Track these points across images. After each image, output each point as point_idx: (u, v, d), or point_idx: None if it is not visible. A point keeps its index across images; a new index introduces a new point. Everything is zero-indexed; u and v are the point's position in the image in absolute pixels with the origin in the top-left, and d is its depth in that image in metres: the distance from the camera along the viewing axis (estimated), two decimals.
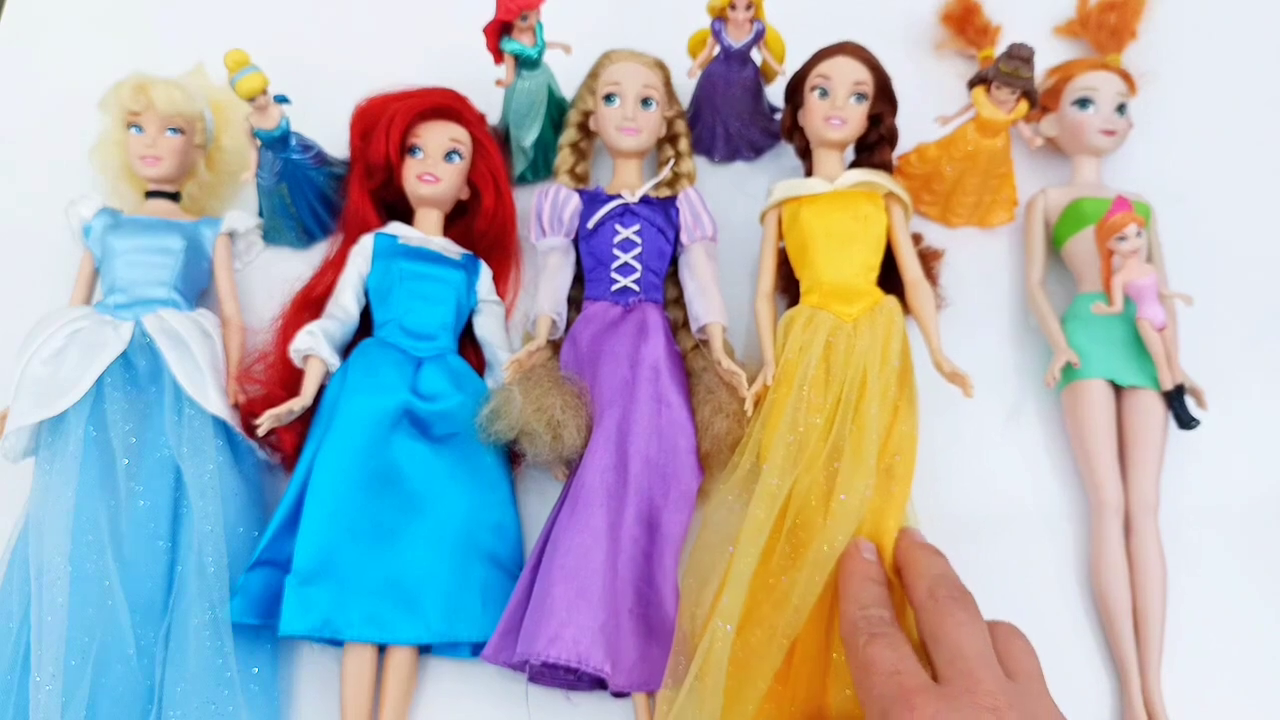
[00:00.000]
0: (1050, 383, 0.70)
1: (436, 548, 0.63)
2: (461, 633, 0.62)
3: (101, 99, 0.74)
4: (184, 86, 0.74)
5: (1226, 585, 0.69)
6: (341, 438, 0.64)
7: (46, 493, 0.63)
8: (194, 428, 0.66)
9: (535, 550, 0.64)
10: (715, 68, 0.77)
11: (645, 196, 0.74)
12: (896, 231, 0.72)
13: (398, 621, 0.61)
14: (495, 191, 0.75)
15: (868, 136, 0.75)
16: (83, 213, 0.72)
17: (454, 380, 0.69)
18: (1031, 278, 0.77)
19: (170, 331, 0.68)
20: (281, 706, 0.63)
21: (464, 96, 0.75)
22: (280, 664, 0.64)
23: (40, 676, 0.58)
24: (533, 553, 0.65)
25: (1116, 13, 0.86)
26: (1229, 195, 0.83)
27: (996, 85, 0.72)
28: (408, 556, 0.63)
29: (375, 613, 0.61)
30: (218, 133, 0.77)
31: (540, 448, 0.64)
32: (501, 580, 0.65)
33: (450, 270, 0.72)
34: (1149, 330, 0.69)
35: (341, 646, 0.63)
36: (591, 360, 0.68)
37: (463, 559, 0.64)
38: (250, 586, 0.62)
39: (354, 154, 0.75)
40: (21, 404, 0.64)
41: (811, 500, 0.62)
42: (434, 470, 0.65)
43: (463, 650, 0.64)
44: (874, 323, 0.67)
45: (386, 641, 0.62)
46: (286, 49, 0.78)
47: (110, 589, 0.61)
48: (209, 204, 0.79)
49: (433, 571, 0.63)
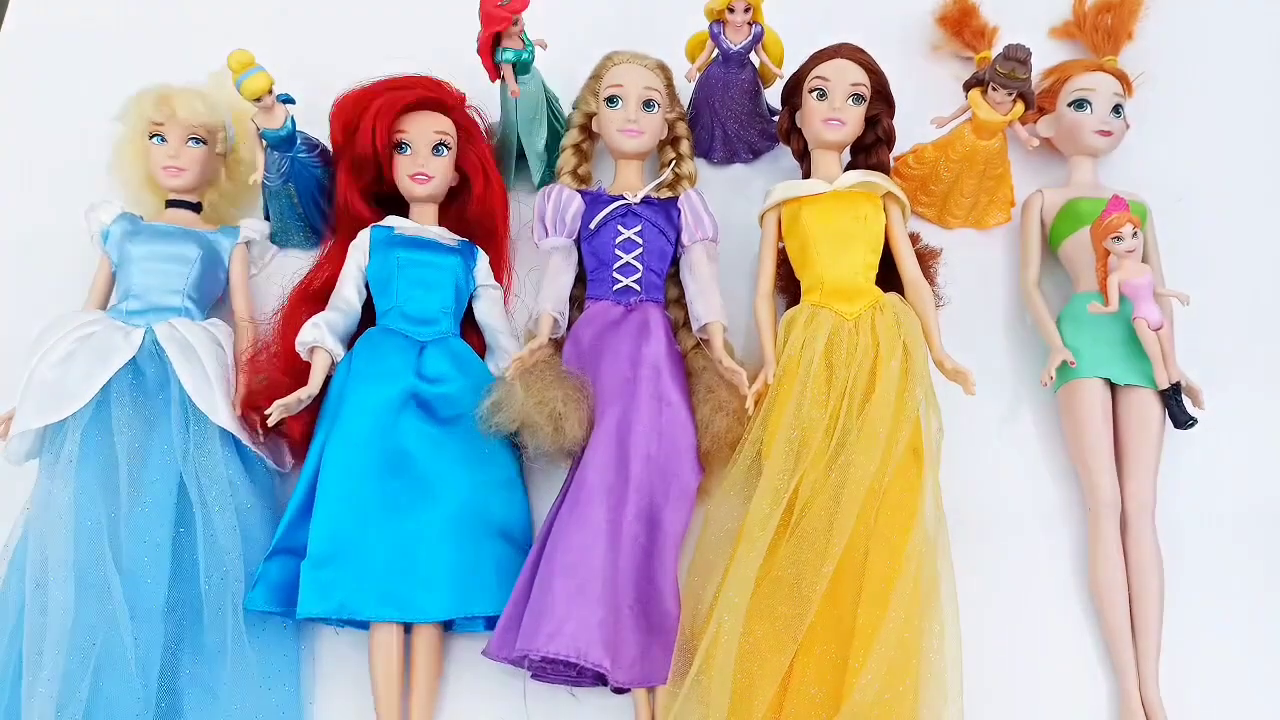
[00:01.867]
0: (1046, 382, 0.71)
1: (448, 526, 0.65)
2: (476, 606, 0.64)
3: (121, 110, 0.74)
4: (206, 96, 0.74)
5: (1223, 584, 0.69)
6: (350, 424, 0.65)
7: (49, 496, 0.63)
8: (202, 439, 0.66)
9: (535, 547, 0.65)
10: (714, 70, 0.78)
11: (647, 197, 0.74)
12: (895, 231, 0.73)
13: (414, 599, 0.63)
14: (484, 178, 0.76)
15: (865, 138, 0.75)
16: (102, 218, 0.73)
17: (456, 363, 0.70)
18: (1027, 277, 0.77)
19: (181, 341, 0.68)
20: (305, 696, 0.64)
21: (442, 82, 0.75)
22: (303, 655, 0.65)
23: (36, 678, 0.59)
24: (533, 549, 0.65)
25: (1112, 15, 0.87)
26: (1225, 195, 0.84)
27: (993, 87, 0.73)
28: (420, 536, 0.64)
29: (391, 592, 0.62)
30: (237, 142, 0.78)
31: (542, 440, 0.65)
32: (512, 555, 0.66)
33: (447, 256, 0.73)
34: (1145, 329, 0.69)
35: (361, 629, 0.64)
36: (593, 358, 0.69)
37: (474, 536, 0.65)
38: (269, 575, 0.63)
39: (337, 149, 0.75)
40: (26, 408, 0.65)
41: (818, 495, 0.63)
42: (442, 452, 0.66)
43: (477, 624, 0.65)
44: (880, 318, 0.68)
45: (403, 619, 0.63)
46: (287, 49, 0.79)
47: (110, 593, 0.61)
48: (228, 212, 0.80)
49: (445, 549, 0.64)
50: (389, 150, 0.73)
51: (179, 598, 0.64)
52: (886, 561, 0.61)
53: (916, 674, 0.59)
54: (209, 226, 0.76)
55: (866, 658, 0.58)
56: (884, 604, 0.59)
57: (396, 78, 0.74)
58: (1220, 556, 0.70)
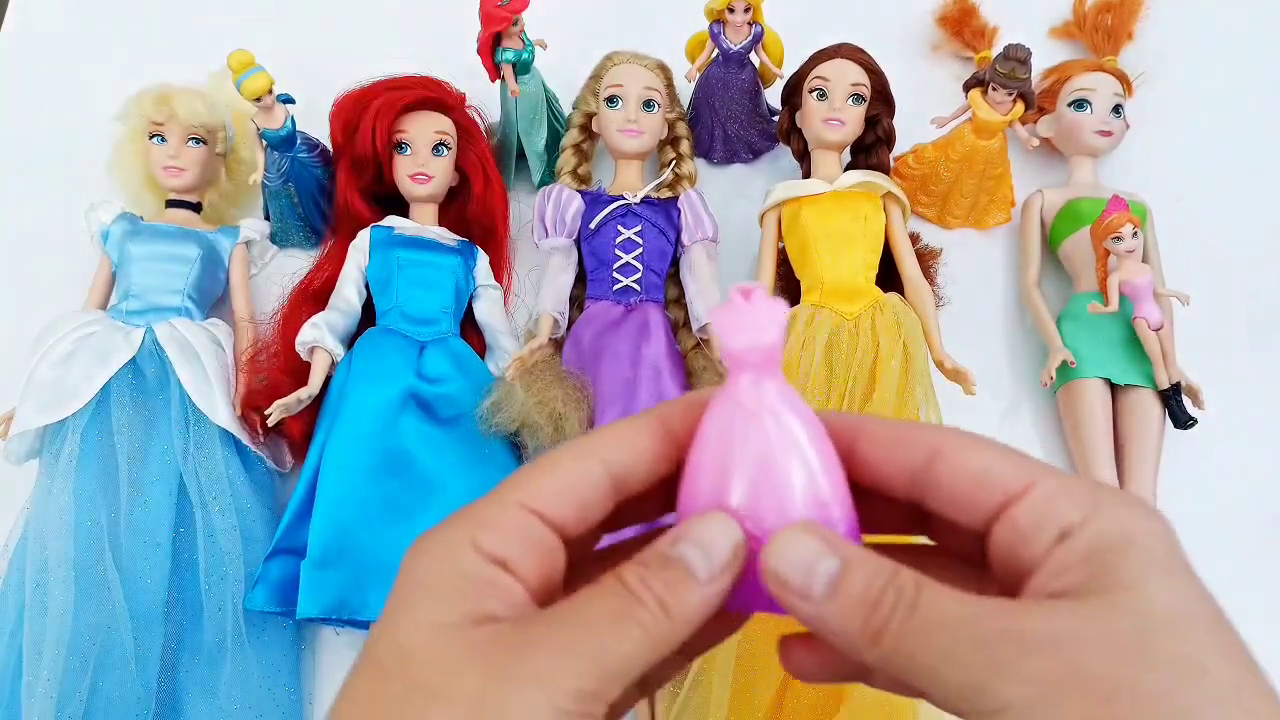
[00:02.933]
0: (1046, 382, 0.71)
1: None
2: None
3: (122, 109, 0.74)
4: (206, 96, 0.74)
5: (1223, 583, 0.68)
6: (350, 424, 0.65)
7: (49, 497, 0.63)
8: (202, 439, 0.66)
9: None
10: (713, 70, 0.78)
11: (647, 197, 0.74)
12: (895, 231, 0.73)
13: None
14: (484, 177, 0.76)
15: (865, 138, 0.75)
16: (102, 217, 0.73)
17: (456, 362, 0.70)
18: (1027, 278, 0.77)
19: (181, 341, 0.68)
20: (305, 696, 0.64)
21: (442, 82, 0.75)
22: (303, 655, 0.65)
23: (36, 678, 0.59)
24: None
25: (1113, 14, 0.87)
26: (1225, 195, 0.84)
27: (993, 87, 0.73)
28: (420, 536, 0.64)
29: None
30: (237, 142, 0.78)
31: (542, 440, 0.65)
32: None
33: (447, 256, 0.73)
34: (1145, 329, 0.69)
35: (361, 629, 0.64)
36: (593, 359, 0.69)
37: None
38: (269, 575, 0.63)
39: (337, 149, 0.75)
40: (26, 407, 0.65)
41: None
42: (442, 451, 0.66)
43: None
44: (880, 318, 0.68)
45: None
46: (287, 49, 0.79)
47: (110, 594, 0.61)
48: (228, 212, 0.80)
49: None
50: (389, 150, 0.73)
51: (179, 597, 0.64)
52: None
53: None
54: (209, 226, 0.76)
55: None
56: None
57: (396, 78, 0.74)
58: (1220, 556, 0.70)
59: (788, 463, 0.26)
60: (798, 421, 0.26)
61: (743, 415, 0.26)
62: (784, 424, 0.26)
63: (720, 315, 0.26)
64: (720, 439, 0.26)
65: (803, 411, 0.26)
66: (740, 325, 0.25)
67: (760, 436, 0.26)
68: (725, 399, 0.26)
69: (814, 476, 0.26)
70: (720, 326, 0.26)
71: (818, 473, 0.26)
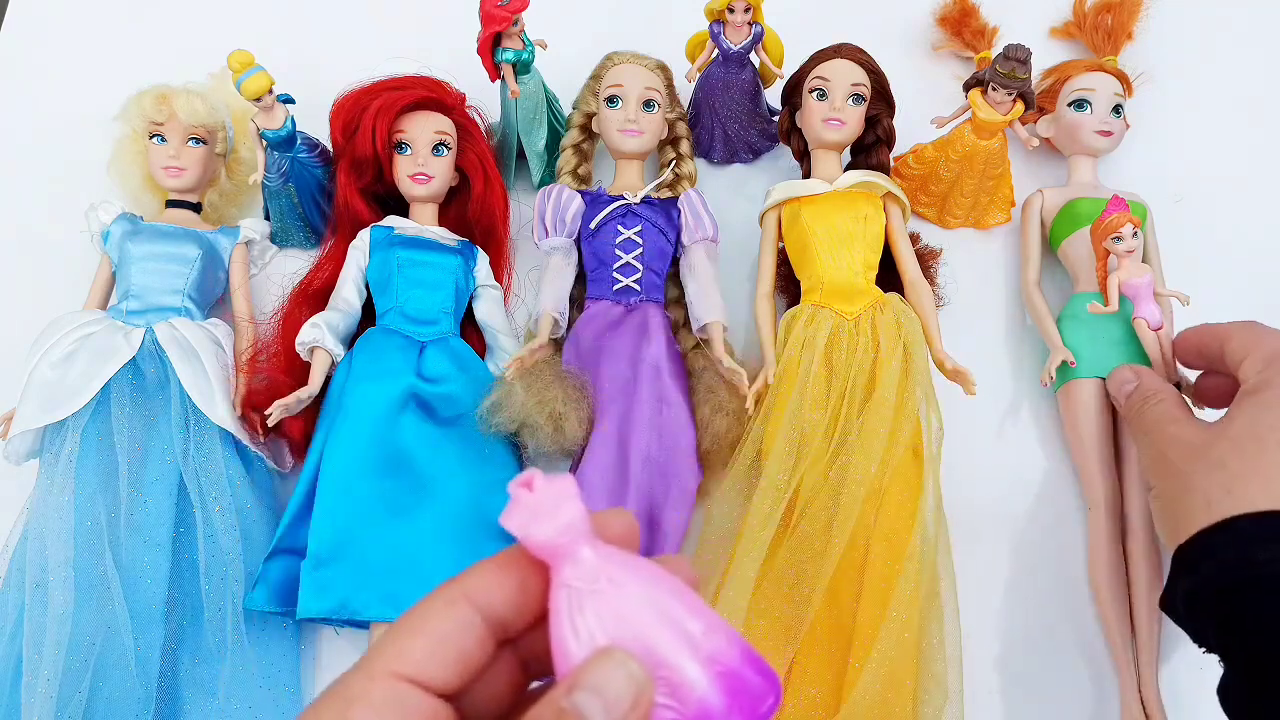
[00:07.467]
0: (1046, 382, 0.71)
1: (449, 526, 0.64)
2: None
3: (122, 109, 0.74)
4: (206, 96, 0.74)
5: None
6: (350, 424, 0.65)
7: (49, 496, 0.63)
8: (202, 439, 0.66)
9: None
10: (714, 70, 0.78)
11: (647, 197, 0.74)
12: (895, 231, 0.73)
13: (414, 599, 0.61)
14: (484, 177, 0.76)
15: (865, 138, 0.75)
16: (102, 218, 0.73)
17: (457, 362, 0.70)
18: (1027, 278, 0.77)
19: (181, 341, 0.68)
20: (305, 696, 0.64)
21: (442, 82, 0.75)
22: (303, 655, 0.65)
23: (36, 678, 0.59)
24: None
25: (1112, 14, 0.87)
26: (1225, 195, 0.84)
27: (993, 87, 0.73)
28: (421, 536, 0.64)
29: (392, 592, 0.62)
30: (237, 142, 0.78)
31: (542, 439, 0.65)
32: None
33: (447, 256, 0.73)
34: (1145, 329, 0.69)
35: (361, 629, 0.64)
36: (593, 359, 0.69)
37: (474, 536, 0.65)
38: (269, 575, 0.63)
39: (337, 150, 0.75)
40: (27, 407, 0.65)
41: (818, 494, 0.63)
42: (443, 451, 0.66)
43: None
44: (880, 318, 0.68)
45: None
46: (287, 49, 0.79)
47: (110, 594, 0.61)
48: (227, 212, 0.80)
49: (446, 550, 0.64)
50: (389, 150, 0.73)
51: (178, 598, 0.64)
52: (886, 561, 0.61)
53: (916, 674, 0.59)
54: (209, 226, 0.76)
55: (866, 658, 0.58)
56: (884, 604, 0.59)
57: (396, 78, 0.74)
58: None
59: (641, 613, 0.27)
60: (630, 574, 0.27)
61: (580, 595, 0.27)
62: (621, 583, 0.27)
63: (512, 517, 0.27)
64: (574, 623, 0.27)
65: (629, 560, 0.28)
66: (535, 516, 0.26)
67: (607, 605, 0.27)
68: (560, 588, 0.27)
69: (668, 610, 0.27)
70: (516, 528, 0.27)
71: (670, 604, 0.27)
